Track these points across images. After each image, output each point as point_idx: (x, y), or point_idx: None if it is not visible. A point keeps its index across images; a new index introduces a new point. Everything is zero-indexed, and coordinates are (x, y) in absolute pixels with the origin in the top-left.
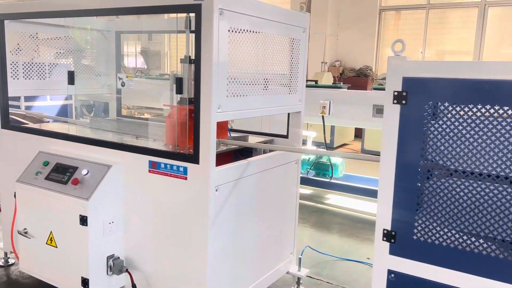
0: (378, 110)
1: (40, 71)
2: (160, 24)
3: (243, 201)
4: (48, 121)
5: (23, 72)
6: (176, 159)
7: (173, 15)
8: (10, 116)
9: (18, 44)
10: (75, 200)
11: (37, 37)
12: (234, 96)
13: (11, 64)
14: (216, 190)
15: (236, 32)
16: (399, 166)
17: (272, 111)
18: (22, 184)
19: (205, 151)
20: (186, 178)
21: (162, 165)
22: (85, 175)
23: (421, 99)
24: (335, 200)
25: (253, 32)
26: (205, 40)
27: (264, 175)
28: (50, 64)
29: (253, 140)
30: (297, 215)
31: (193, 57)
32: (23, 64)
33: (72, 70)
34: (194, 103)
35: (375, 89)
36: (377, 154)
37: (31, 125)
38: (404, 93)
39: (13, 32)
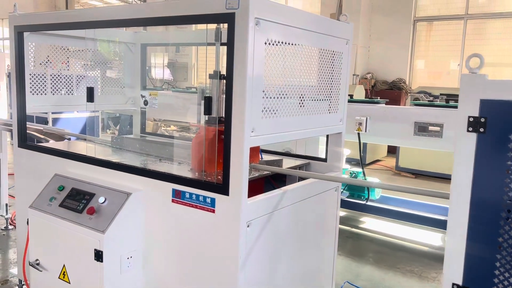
0: (421, 128)
1: (67, 83)
2: (187, 36)
3: (277, 237)
4: (69, 138)
5: (51, 86)
6: (203, 189)
7: (202, 26)
8: (28, 132)
9: (48, 56)
10: (90, 232)
11: (65, 49)
12: (269, 117)
13: (39, 77)
14: (248, 226)
15: (272, 44)
16: (474, 207)
17: (310, 133)
18: (35, 210)
19: (236, 181)
20: (213, 211)
21: (187, 195)
22: (102, 203)
23: (504, 126)
24: (372, 224)
25: (291, 44)
26: (239, 54)
27: (301, 206)
28: (76, 76)
29: (287, 164)
30: (335, 248)
31: (223, 72)
32: (51, 76)
33: (91, 86)
34: (225, 125)
35: (416, 104)
36: (413, 172)
37: (49, 143)
38: (482, 119)
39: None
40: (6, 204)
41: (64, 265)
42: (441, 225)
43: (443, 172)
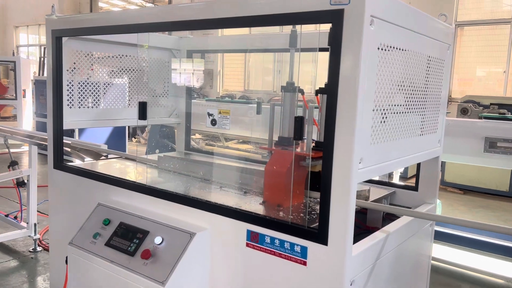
0: (492, 144)
1: (95, 90)
2: (237, 41)
3: None
4: (106, 155)
5: (79, 94)
6: (290, 233)
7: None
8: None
9: (74, 63)
10: (146, 282)
11: (91, 55)
12: (378, 142)
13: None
14: (351, 284)
15: (385, 50)
16: None
17: (413, 159)
18: (76, 248)
19: (339, 228)
20: (304, 263)
21: (268, 239)
22: (159, 244)
23: None
24: (436, 251)
25: (401, 50)
26: (348, 62)
27: (401, 249)
28: (105, 83)
29: (373, 194)
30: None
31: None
32: (78, 83)
33: (144, 101)
34: (323, 154)
35: (485, 117)
36: (460, 187)
37: (86, 162)
38: None
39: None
40: (35, 224)
41: None
42: None
43: (495, 188)
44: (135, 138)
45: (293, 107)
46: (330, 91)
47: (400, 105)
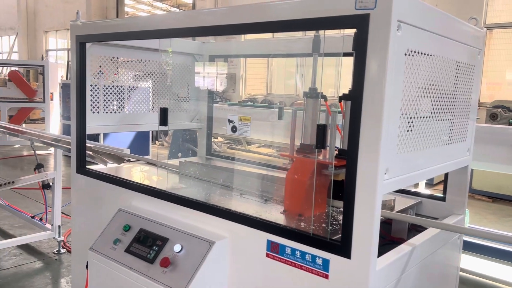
0: None
1: (118, 95)
2: (265, 45)
3: None
4: (128, 160)
5: (103, 99)
6: (312, 245)
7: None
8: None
9: (100, 66)
10: None
11: (115, 60)
12: (404, 151)
13: (91, 90)
14: None
15: (411, 55)
16: None
17: (439, 169)
18: (96, 254)
19: (363, 241)
20: (326, 276)
21: (288, 250)
22: (178, 252)
23: None
24: (463, 262)
25: (428, 55)
26: (373, 68)
27: (427, 262)
28: (129, 88)
29: (398, 204)
30: None
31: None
32: (104, 86)
33: (165, 107)
34: (347, 164)
35: None
36: (489, 195)
37: (108, 167)
38: None
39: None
40: (59, 226)
41: None
42: None
43: None
44: (158, 141)
45: (315, 113)
46: (354, 98)
47: (428, 113)
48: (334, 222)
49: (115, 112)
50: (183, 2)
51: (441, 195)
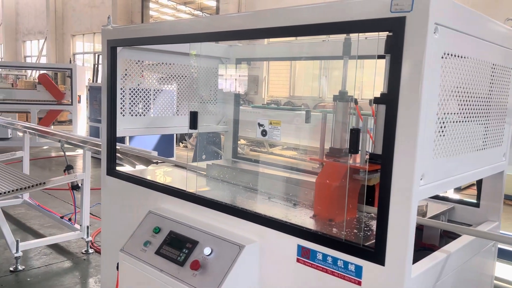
0: None
1: (145, 98)
2: (292, 48)
3: None
4: (156, 162)
5: (130, 102)
6: (344, 251)
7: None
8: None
9: (126, 69)
10: None
11: (141, 63)
12: (440, 156)
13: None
14: None
15: (449, 58)
16: None
17: (474, 175)
18: (126, 255)
19: (397, 248)
20: (359, 283)
21: (319, 256)
22: (208, 255)
23: None
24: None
25: (464, 57)
26: (409, 71)
27: (461, 270)
28: (155, 91)
29: (430, 209)
30: None
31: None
32: (129, 90)
33: (195, 110)
34: (381, 170)
35: None
36: None
37: (137, 169)
38: None
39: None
40: (88, 227)
41: None
42: None
43: None
44: (182, 143)
45: (345, 117)
46: (390, 102)
47: (462, 117)
48: (365, 228)
49: (140, 115)
50: (206, 5)
51: (474, 201)
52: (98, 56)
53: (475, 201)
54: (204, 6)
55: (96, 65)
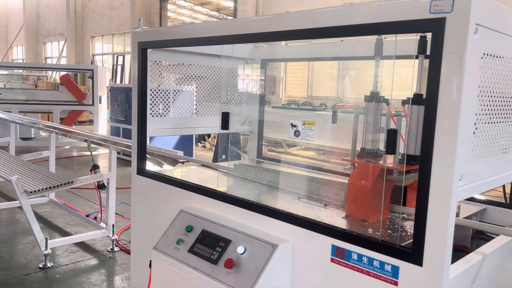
0: None
1: (165, 98)
2: (319, 49)
3: None
4: (182, 162)
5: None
6: (380, 251)
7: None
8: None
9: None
10: None
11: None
12: (478, 157)
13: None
14: None
15: (488, 58)
16: None
17: (510, 176)
18: (159, 253)
19: (436, 248)
20: (396, 283)
21: (354, 256)
22: (241, 254)
23: None
24: None
25: (504, 58)
26: (448, 72)
27: (496, 272)
28: (177, 91)
29: (462, 210)
30: None
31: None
32: (150, 90)
33: (227, 111)
34: (420, 169)
35: None
36: None
37: (164, 169)
38: None
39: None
40: (113, 225)
41: None
42: None
43: None
44: (200, 143)
45: (377, 118)
46: (429, 103)
47: (499, 118)
48: (399, 228)
49: (160, 115)
50: (223, 6)
51: (505, 202)
52: (117, 57)
53: (504, 202)
54: (221, 7)
55: (115, 66)
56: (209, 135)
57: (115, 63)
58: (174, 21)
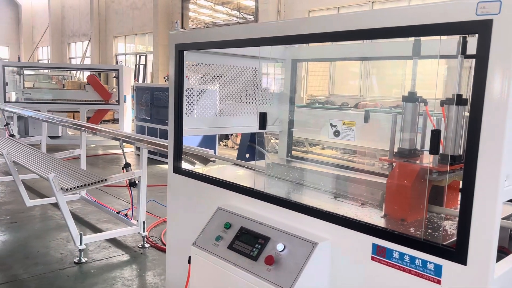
0: None
1: (189, 98)
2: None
3: None
4: (214, 161)
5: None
6: (423, 250)
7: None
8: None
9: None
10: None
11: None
12: None
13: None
14: None
15: None
16: None
17: None
18: (199, 249)
19: (481, 248)
20: (438, 282)
21: (396, 255)
22: (280, 251)
23: None
24: None
25: None
26: (495, 74)
27: None
28: (208, 91)
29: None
30: None
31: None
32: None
33: (264, 112)
34: (465, 169)
35: None
36: None
37: (197, 167)
38: None
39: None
40: (144, 222)
41: None
42: None
43: None
44: (222, 141)
45: (414, 117)
46: (475, 104)
47: None
48: (439, 228)
49: (187, 115)
50: (244, 5)
51: None
52: (139, 57)
53: None
54: (242, 6)
55: (137, 66)
56: (231, 134)
57: (137, 63)
58: (195, 20)
